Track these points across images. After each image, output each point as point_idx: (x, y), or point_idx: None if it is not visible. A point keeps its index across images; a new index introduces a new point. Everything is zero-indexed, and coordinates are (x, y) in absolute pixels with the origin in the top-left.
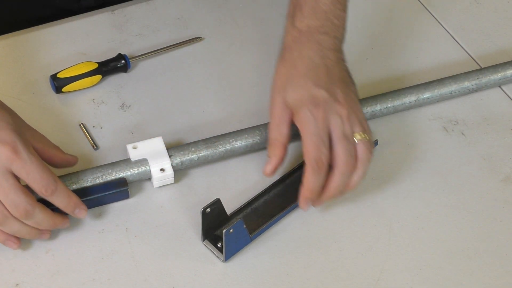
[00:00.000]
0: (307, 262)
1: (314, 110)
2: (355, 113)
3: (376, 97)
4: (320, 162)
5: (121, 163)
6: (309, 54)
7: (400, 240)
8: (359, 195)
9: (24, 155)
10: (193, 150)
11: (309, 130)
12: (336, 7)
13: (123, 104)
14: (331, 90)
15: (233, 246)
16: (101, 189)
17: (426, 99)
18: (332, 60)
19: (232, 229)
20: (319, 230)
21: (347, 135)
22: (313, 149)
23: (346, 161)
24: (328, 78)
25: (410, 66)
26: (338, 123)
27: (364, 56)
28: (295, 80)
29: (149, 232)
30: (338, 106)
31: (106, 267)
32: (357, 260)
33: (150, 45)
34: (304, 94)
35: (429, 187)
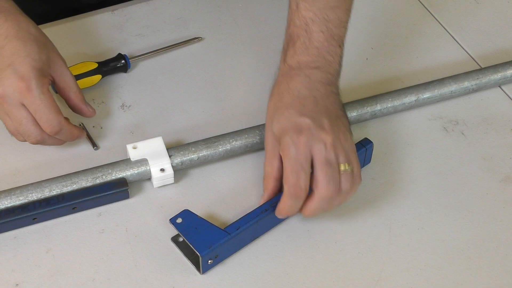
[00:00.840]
0: (307, 262)
1: (295, 136)
2: (341, 142)
3: (376, 97)
4: (298, 188)
5: (121, 163)
6: (296, 86)
7: (400, 240)
8: (359, 195)
9: (36, 93)
10: (193, 150)
11: (288, 156)
12: (330, 44)
13: (123, 104)
14: (316, 118)
15: (201, 238)
16: (101, 189)
17: (426, 99)
18: (321, 92)
19: (180, 218)
20: (319, 230)
21: (329, 161)
22: (291, 175)
23: (326, 187)
24: (315, 108)
25: (410, 66)
26: (321, 149)
27: (364, 56)
28: (280, 111)
29: (149, 232)
30: (323, 133)
31: (106, 267)
32: (357, 260)
33: (150, 45)
34: (287, 123)
35: (429, 187)
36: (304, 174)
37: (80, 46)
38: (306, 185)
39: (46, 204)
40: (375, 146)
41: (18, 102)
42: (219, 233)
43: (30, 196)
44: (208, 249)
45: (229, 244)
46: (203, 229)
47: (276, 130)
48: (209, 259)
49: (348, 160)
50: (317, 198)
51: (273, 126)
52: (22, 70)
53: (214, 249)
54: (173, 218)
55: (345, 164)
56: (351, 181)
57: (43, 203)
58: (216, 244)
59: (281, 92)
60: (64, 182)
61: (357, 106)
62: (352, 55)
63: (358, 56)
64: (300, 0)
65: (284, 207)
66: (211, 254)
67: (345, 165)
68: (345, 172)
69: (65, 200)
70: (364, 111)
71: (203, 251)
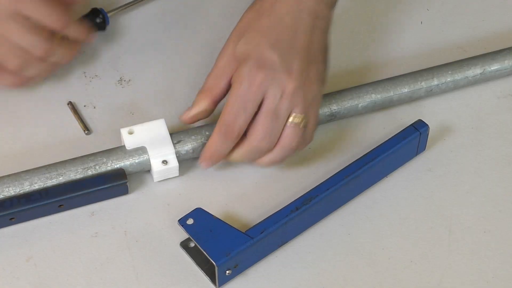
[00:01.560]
0: (348, 273)
1: (254, 70)
2: (304, 92)
3: (433, 69)
4: (230, 129)
5: (117, 150)
6: (281, 11)
7: (463, 245)
8: (412, 190)
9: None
10: (208, 135)
11: (237, 89)
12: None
13: (121, 78)
14: (286, 58)
15: (217, 244)
16: (94, 183)
17: (495, 72)
18: (306, 26)
19: (192, 218)
20: (363, 234)
21: (277, 113)
22: (230, 113)
23: (260, 139)
24: (290, 44)
25: (474, 32)
26: (275, 96)
27: (418, 19)
28: (252, 33)
29: (153, 236)
30: (286, 77)
31: (101, 279)
32: (410, 270)
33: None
34: (253, 51)
35: (498, 180)
36: (244, 116)
37: None
38: (241, 128)
39: (26, 201)
40: (431, 131)
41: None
42: (239, 237)
43: (6, 190)
44: (225, 257)
45: (252, 250)
46: (219, 232)
47: (239, 51)
48: (227, 269)
49: (304, 112)
50: (245, 146)
51: (238, 45)
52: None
53: (233, 257)
54: (182, 219)
55: (297, 116)
56: (298, 136)
57: (23, 200)
58: (236, 251)
59: (262, 11)
60: (48, 173)
61: (408, 80)
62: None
63: (411, 19)
64: None
65: (210, 146)
66: (230, 263)
67: (297, 117)
68: (294, 125)
69: (49, 196)
70: (417, 87)
71: (219, 260)
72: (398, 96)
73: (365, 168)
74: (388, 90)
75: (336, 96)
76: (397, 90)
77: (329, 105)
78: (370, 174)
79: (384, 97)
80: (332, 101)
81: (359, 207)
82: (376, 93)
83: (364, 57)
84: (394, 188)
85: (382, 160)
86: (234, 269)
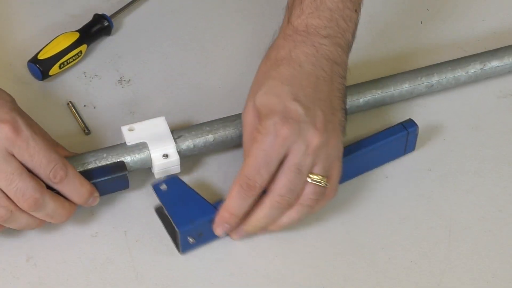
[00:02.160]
0: (348, 273)
1: (279, 124)
2: (327, 148)
3: (432, 66)
4: (252, 185)
5: (118, 146)
6: (300, 58)
7: (462, 245)
8: (412, 190)
9: (27, 133)
10: (208, 130)
11: (261, 143)
12: (346, 6)
13: (121, 78)
14: (311, 109)
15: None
16: (94, 175)
17: (495, 69)
18: (326, 73)
19: (165, 184)
20: (363, 233)
21: (300, 168)
22: (252, 167)
23: (282, 194)
24: (313, 94)
25: (473, 31)
26: (299, 151)
27: (418, 19)
28: (272, 83)
29: (154, 236)
30: (312, 131)
31: (100, 279)
32: (410, 271)
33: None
34: (275, 104)
35: (498, 180)
36: (267, 171)
37: (45, 15)
38: (263, 184)
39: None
40: (430, 131)
41: (5, 151)
42: (207, 207)
43: None
44: (189, 224)
45: None
46: (189, 201)
47: (260, 103)
48: (190, 236)
49: (325, 172)
50: (267, 203)
51: (257, 97)
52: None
53: (196, 225)
54: (156, 184)
55: (319, 176)
56: (318, 195)
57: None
58: (200, 220)
59: (280, 59)
60: None
61: (409, 76)
62: (404, 17)
63: (411, 19)
64: None
65: (230, 206)
66: (193, 232)
67: (318, 177)
68: (314, 183)
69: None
70: (418, 82)
71: (182, 226)
72: (399, 92)
73: (345, 159)
74: (388, 86)
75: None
76: (397, 86)
77: None
78: (352, 165)
79: (385, 92)
80: None
81: (359, 207)
82: (377, 88)
83: (364, 57)
84: (394, 188)
85: (365, 154)
86: (198, 238)
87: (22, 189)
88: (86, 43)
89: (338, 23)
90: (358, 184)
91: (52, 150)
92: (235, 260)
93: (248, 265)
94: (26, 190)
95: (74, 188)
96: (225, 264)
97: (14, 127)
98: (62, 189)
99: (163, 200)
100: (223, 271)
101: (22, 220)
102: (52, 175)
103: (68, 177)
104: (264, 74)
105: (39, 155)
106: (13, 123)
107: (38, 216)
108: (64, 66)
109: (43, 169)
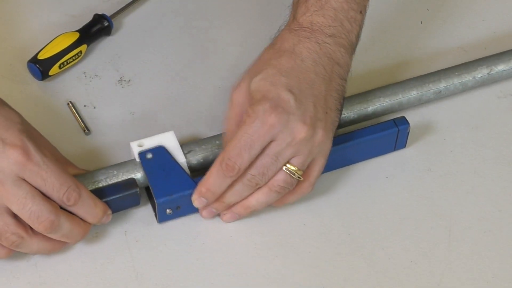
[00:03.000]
0: (348, 273)
1: (268, 111)
2: (311, 144)
3: (439, 72)
4: (231, 166)
5: (128, 163)
6: (302, 53)
7: (462, 245)
8: (412, 190)
9: (38, 158)
10: (218, 144)
11: (247, 127)
12: (351, 7)
13: (121, 78)
14: (303, 103)
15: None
16: (106, 193)
17: (501, 72)
18: (326, 72)
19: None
20: (362, 234)
21: (278, 157)
22: (234, 149)
23: (253, 174)
24: (308, 89)
25: (474, 32)
26: (283, 141)
27: (418, 19)
28: (270, 71)
29: (154, 236)
30: (299, 125)
31: (101, 279)
32: (410, 271)
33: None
34: (269, 91)
35: (498, 180)
36: (248, 155)
37: (45, 15)
38: (242, 166)
39: None
40: (430, 130)
41: (16, 177)
42: (187, 182)
43: None
44: (167, 196)
45: None
46: (171, 174)
47: (254, 88)
48: (168, 208)
49: (303, 167)
50: (238, 182)
51: (254, 81)
52: (9, 137)
53: (175, 198)
54: (143, 152)
55: (295, 168)
56: (288, 184)
57: None
58: (179, 194)
59: (283, 50)
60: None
61: (416, 83)
62: (404, 18)
63: (411, 19)
64: None
65: (207, 182)
66: (171, 204)
67: (294, 169)
68: (287, 173)
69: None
70: (426, 89)
71: (160, 198)
72: (407, 99)
73: (333, 149)
74: (396, 93)
75: (344, 102)
76: (405, 93)
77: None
78: (339, 156)
79: (393, 100)
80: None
81: (359, 207)
82: (385, 96)
83: (364, 57)
84: (394, 188)
85: (353, 146)
86: (176, 210)
87: (36, 212)
88: (86, 43)
89: (343, 23)
90: (358, 184)
91: (63, 172)
92: (235, 260)
93: (248, 265)
94: (41, 213)
95: (88, 209)
96: (225, 264)
97: (24, 151)
98: (77, 211)
99: (146, 168)
100: (223, 271)
101: (33, 245)
102: (66, 198)
103: (82, 199)
104: (265, 61)
105: (51, 179)
106: (23, 147)
107: (54, 237)
108: (64, 66)
109: (56, 192)
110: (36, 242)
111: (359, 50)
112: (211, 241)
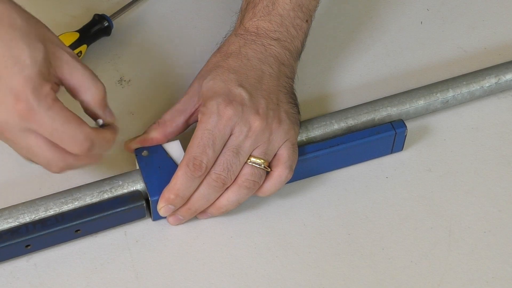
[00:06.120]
0: (348, 273)
1: (223, 106)
2: (269, 133)
3: (447, 81)
4: (198, 164)
5: (133, 173)
6: (248, 54)
7: (463, 246)
8: (412, 190)
9: (41, 111)
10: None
11: (206, 123)
12: (297, 15)
13: (121, 78)
14: (254, 96)
15: (160, 181)
16: (110, 206)
17: (509, 82)
18: (273, 70)
19: (147, 151)
20: (363, 234)
21: (239, 150)
22: (197, 147)
23: (218, 173)
24: (257, 84)
25: (474, 32)
26: (241, 132)
27: (418, 19)
28: (219, 71)
29: (154, 236)
30: (253, 115)
31: (101, 279)
32: (410, 271)
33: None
34: (220, 88)
35: (498, 180)
36: (213, 151)
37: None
38: (209, 163)
39: (42, 226)
40: (430, 131)
41: (22, 128)
42: None
43: (22, 217)
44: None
45: None
46: (166, 172)
47: (206, 88)
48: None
49: (267, 156)
50: (204, 184)
51: (205, 82)
52: (14, 86)
53: None
54: (139, 149)
55: (258, 159)
56: (256, 176)
57: (38, 225)
58: None
59: (229, 53)
60: (63, 198)
61: (424, 92)
62: (403, 18)
63: (411, 19)
64: None
65: (174, 186)
66: None
67: (258, 160)
68: (252, 165)
69: (65, 221)
70: (433, 98)
71: (155, 196)
72: (415, 108)
73: (331, 150)
74: (403, 103)
75: (352, 111)
76: (413, 102)
77: (345, 120)
78: (335, 158)
79: (400, 110)
80: (348, 115)
81: (359, 207)
82: (392, 105)
83: (364, 57)
84: (394, 188)
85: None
86: None
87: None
88: (86, 43)
89: (288, 29)
90: (358, 184)
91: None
92: (235, 260)
93: (248, 265)
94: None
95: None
96: (225, 264)
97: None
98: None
99: (142, 166)
100: (223, 271)
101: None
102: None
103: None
104: (213, 64)
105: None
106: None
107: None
108: None
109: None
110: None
111: (359, 49)
112: (211, 241)
